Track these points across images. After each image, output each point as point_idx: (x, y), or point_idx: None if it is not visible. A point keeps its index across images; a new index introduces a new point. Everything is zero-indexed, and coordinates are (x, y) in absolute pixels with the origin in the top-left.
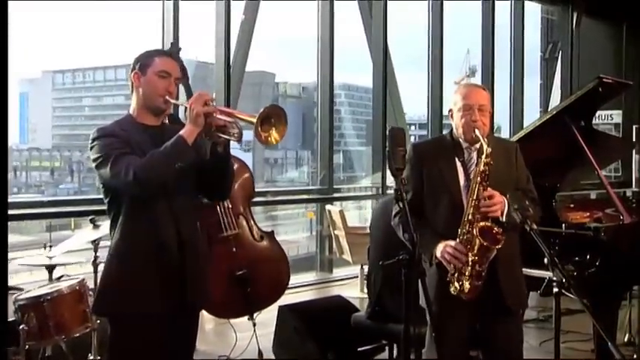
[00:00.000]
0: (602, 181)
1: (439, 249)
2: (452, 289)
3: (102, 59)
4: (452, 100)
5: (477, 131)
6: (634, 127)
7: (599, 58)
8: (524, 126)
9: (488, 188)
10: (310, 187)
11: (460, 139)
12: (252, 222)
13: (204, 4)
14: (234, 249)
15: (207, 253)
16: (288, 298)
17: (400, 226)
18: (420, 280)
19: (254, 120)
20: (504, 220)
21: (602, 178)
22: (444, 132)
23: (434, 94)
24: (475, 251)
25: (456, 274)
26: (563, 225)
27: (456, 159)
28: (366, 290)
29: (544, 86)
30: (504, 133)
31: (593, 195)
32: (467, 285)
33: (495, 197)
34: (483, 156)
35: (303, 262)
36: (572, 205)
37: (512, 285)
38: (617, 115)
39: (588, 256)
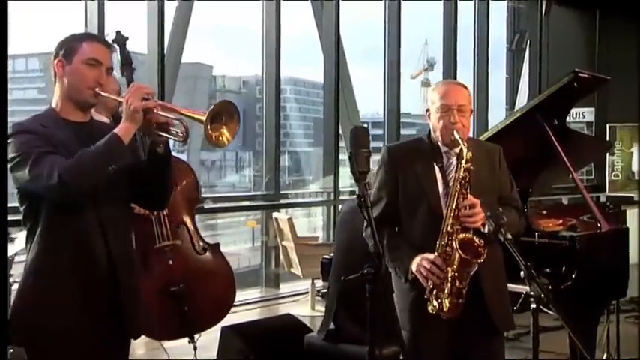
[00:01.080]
0: (576, 185)
1: (415, 263)
2: (430, 308)
3: (10, 47)
4: (429, 99)
5: (455, 134)
6: (607, 125)
7: (570, 50)
8: (489, 124)
9: (469, 196)
10: (254, 193)
11: (438, 143)
12: (194, 232)
13: None
14: (170, 261)
15: (140, 268)
16: (230, 318)
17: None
18: (385, 298)
19: (203, 118)
20: (487, 231)
21: (577, 181)
22: (403, 132)
23: (390, 90)
24: (455, 266)
25: (434, 291)
26: (536, 234)
27: (434, 164)
28: (317, 307)
29: (510, 81)
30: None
31: (564, 200)
32: (446, 303)
33: (476, 206)
34: (463, 161)
35: (246, 276)
36: (544, 212)
37: (498, 302)
38: (588, 113)
39: (564, 268)
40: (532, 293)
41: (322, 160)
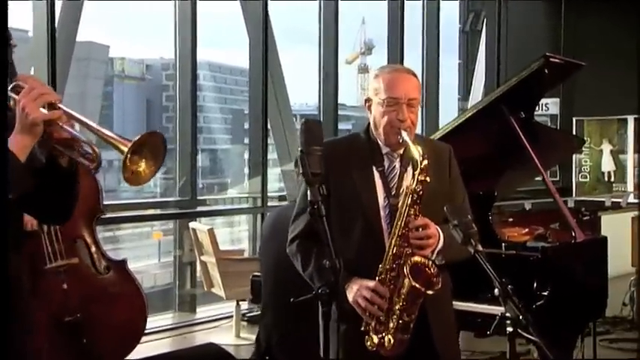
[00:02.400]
0: (547, 188)
1: (352, 291)
2: (368, 344)
3: None
4: (371, 88)
5: (404, 135)
6: (574, 119)
7: (533, 33)
8: (439, 117)
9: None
10: (165, 199)
11: (379, 141)
12: (95, 248)
13: None
14: (64, 285)
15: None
16: (139, 350)
17: (299, 255)
18: (323, 324)
19: (125, 148)
20: (435, 257)
21: (549, 183)
22: (341, 126)
23: (327, 77)
24: (404, 295)
25: (374, 325)
26: (503, 244)
27: (374, 168)
28: (244, 335)
29: (464, 67)
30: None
31: (527, 205)
32: (390, 339)
33: (430, 228)
34: (417, 171)
35: (153, 299)
36: (510, 219)
37: (445, 332)
38: (553, 105)
39: (535, 284)
40: (508, 315)
41: (246, 159)
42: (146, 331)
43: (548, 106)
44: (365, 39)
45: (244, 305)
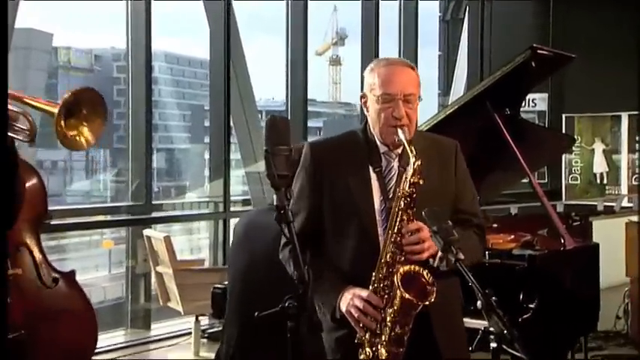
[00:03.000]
0: (535, 190)
1: (345, 300)
2: (362, 357)
3: None
4: (366, 83)
5: (400, 133)
6: (563, 116)
7: (519, 21)
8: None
9: (414, 219)
10: (116, 204)
11: (376, 140)
12: (41, 257)
13: None
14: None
15: None
16: None
17: (292, 260)
18: (291, 340)
19: (54, 110)
20: (437, 264)
21: (536, 186)
22: (310, 123)
23: (295, 70)
24: (396, 307)
25: (367, 336)
26: (487, 253)
27: (371, 168)
28: (204, 353)
29: (444, 59)
30: None
31: (513, 210)
32: (383, 352)
33: (423, 231)
34: (409, 172)
35: (103, 315)
36: (495, 225)
37: (453, 345)
38: (541, 101)
39: (521, 296)
40: (492, 329)
41: (206, 160)
42: (96, 350)
43: (536, 102)
44: (337, 28)
45: (204, 321)
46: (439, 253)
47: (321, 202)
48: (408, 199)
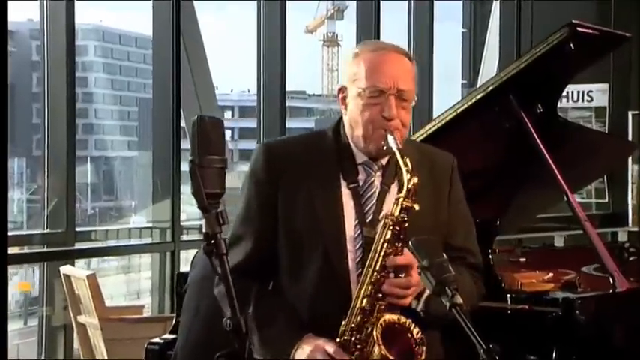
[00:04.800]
0: (574, 214)
1: (302, 353)
2: None
3: None
4: (346, 72)
5: (390, 140)
6: (629, 113)
7: None
8: (433, 111)
9: (405, 250)
10: (29, 232)
11: (354, 146)
12: None
13: None
14: None
15: None
16: None
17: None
18: None
19: None
20: (420, 308)
21: (576, 208)
22: (291, 124)
23: (269, 54)
24: None
25: None
26: (509, 295)
27: (342, 181)
28: None
29: (470, 39)
30: None
31: (558, 240)
32: None
33: (413, 272)
34: (402, 193)
35: None
36: (523, 259)
37: None
38: (600, 94)
39: (555, 352)
40: None
41: (151, 172)
42: None
43: (593, 95)
44: None
45: None
46: (425, 294)
47: (274, 225)
48: (398, 229)
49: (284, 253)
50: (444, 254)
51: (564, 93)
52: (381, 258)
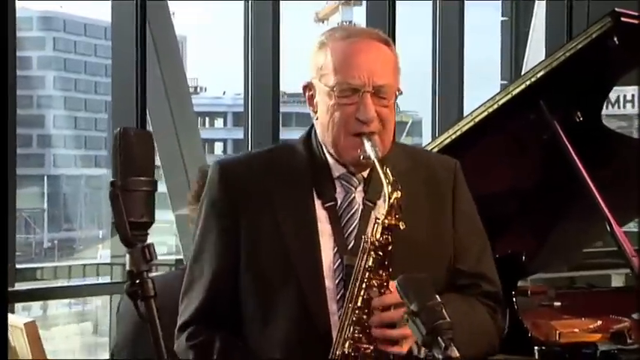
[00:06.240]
0: (620, 248)
1: None
2: None
3: None
4: (312, 65)
5: (367, 146)
6: None
7: None
8: (464, 114)
9: (393, 283)
10: None
11: (328, 156)
12: None
13: None
14: None
15: None
16: None
17: (193, 352)
18: None
19: None
20: (423, 355)
21: (622, 240)
22: (287, 134)
23: (259, 44)
24: None
25: None
26: (536, 348)
27: (316, 200)
28: None
29: (511, 28)
30: (426, 134)
31: (616, 280)
32: None
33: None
34: (382, 209)
35: None
36: (559, 303)
37: None
38: None
39: None
40: None
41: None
42: None
43: (635, 96)
44: None
45: None
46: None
47: (235, 261)
48: (381, 254)
49: (250, 294)
50: (437, 296)
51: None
52: (363, 291)
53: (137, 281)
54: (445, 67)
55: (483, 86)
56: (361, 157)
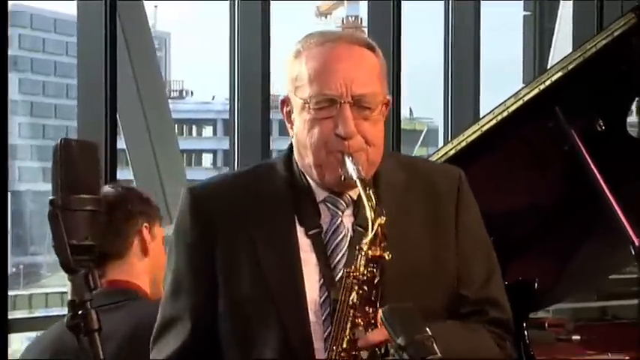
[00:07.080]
0: None
1: None
2: None
3: None
4: (287, 77)
5: (349, 165)
6: None
7: None
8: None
9: (382, 312)
10: None
11: (309, 178)
12: None
13: None
14: None
15: None
16: None
17: None
18: None
19: None
20: None
21: None
22: (280, 144)
23: (246, 43)
24: None
25: None
26: None
27: (299, 227)
28: None
29: (534, 24)
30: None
31: None
32: None
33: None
34: (366, 238)
35: None
36: (576, 337)
37: None
38: None
39: None
40: None
41: None
42: None
43: None
44: None
45: None
46: None
47: (212, 301)
48: (366, 289)
49: (228, 331)
50: (427, 328)
51: None
52: (347, 332)
53: (80, 312)
54: (459, 68)
55: (503, 89)
56: (342, 177)
